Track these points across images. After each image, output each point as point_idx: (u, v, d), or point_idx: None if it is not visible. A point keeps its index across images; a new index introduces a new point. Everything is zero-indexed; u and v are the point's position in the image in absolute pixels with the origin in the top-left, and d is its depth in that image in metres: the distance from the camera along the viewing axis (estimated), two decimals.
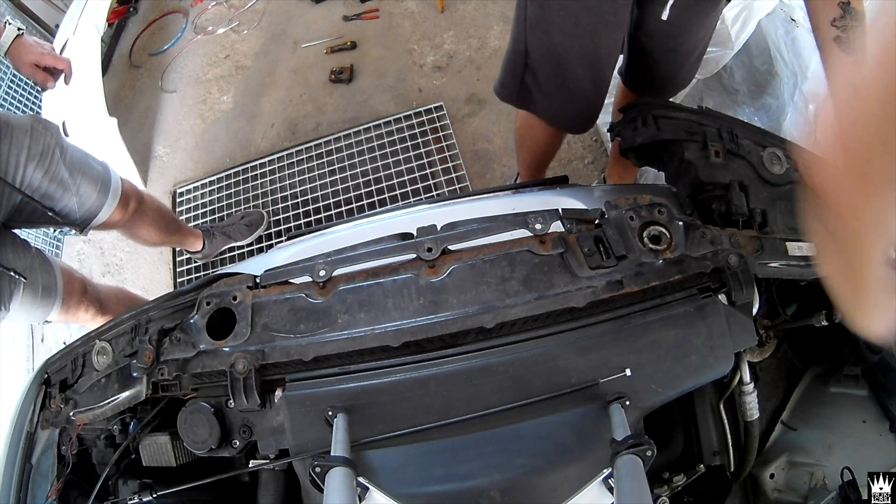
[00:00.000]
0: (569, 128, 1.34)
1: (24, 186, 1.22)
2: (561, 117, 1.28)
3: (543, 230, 0.74)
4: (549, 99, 1.22)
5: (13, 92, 2.50)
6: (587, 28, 1.06)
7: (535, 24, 1.10)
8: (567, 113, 1.25)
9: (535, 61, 1.16)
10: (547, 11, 1.07)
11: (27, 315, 1.36)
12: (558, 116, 1.28)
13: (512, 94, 1.27)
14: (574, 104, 1.22)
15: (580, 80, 1.15)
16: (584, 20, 1.05)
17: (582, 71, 1.13)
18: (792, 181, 0.87)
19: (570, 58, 1.11)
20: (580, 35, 1.07)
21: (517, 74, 1.20)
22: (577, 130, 1.32)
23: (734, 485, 0.95)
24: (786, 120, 1.50)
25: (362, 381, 0.72)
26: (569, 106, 1.23)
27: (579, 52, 1.10)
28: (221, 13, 2.84)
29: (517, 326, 0.72)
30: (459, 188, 2.08)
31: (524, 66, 1.18)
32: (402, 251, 0.75)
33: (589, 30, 1.06)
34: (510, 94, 1.27)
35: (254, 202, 2.26)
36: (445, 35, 2.40)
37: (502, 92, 1.29)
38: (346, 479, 0.58)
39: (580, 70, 1.13)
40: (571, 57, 1.11)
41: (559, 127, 1.36)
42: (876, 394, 0.92)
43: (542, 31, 1.10)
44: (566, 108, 1.24)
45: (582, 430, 0.68)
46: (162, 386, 0.77)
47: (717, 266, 0.74)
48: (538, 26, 1.10)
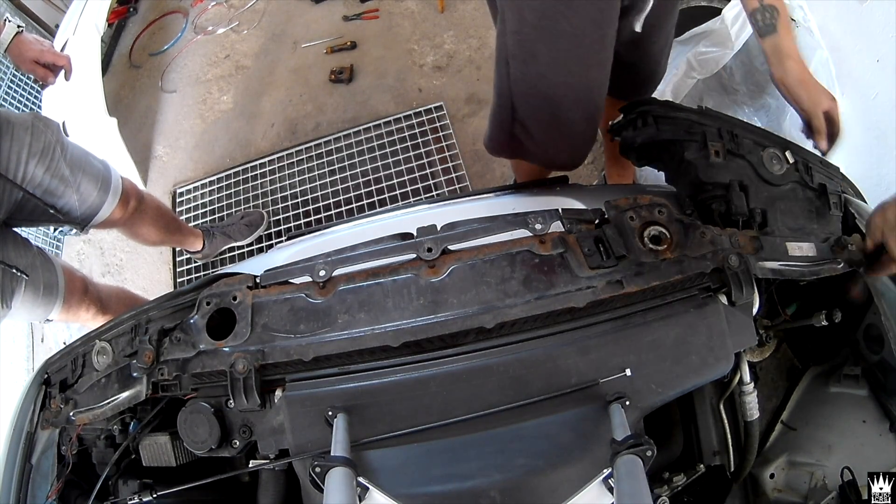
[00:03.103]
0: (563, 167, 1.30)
1: (26, 183, 1.22)
2: (556, 160, 1.26)
3: (543, 230, 0.74)
4: (541, 146, 1.19)
5: (13, 91, 2.50)
6: (579, 73, 1.02)
7: (519, 78, 1.05)
8: (562, 155, 1.23)
9: (523, 114, 1.12)
10: (532, 65, 1.02)
11: (29, 313, 1.36)
12: (553, 159, 1.26)
13: (503, 148, 1.24)
14: (569, 143, 1.19)
15: (574, 122, 1.12)
16: (576, 67, 1.01)
17: (576, 113, 1.10)
18: (792, 181, 0.87)
19: (564, 105, 1.07)
20: (572, 83, 1.03)
21: (505, 129, 1.17)
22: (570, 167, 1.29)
23: (734, 485, 0.95)
24: (786, 120, 1.50)
25: (362, 381, 0.72)
26: (563, 147, 1.20)
27: (573, 97, 1.07)
28: (221, 13, 2.84)
29: (517, 326, 0.72)
30: (459, 188, 2.08)
31: (511, 119, 1.14)
32: (402, 251, 0.75)
33: (581, 74, 1.02)
34: (501, 148, 1.24)
35: (254, 202, 2.26)
36: (445, 35, 2.40)
37: (493, 146, 1.26)
38: (346, 479, 0.58)
39: (574, 113, 1.10)
40: (566, 104, 1.07)
41: (554, 168, 1.34)
42: (876, 394, 0.92)
43: (529, 85, 1.06)
44: (560, 149, 1.21)
45: (582, 430, 0.68)
46: (162, 386, 0.77)
47: (717, 266, 0.74)
48: (524, 80, 1.05)
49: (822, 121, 0.89)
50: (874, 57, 1.31)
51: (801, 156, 0.90)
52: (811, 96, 0.89)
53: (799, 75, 0.90)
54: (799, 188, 0.88)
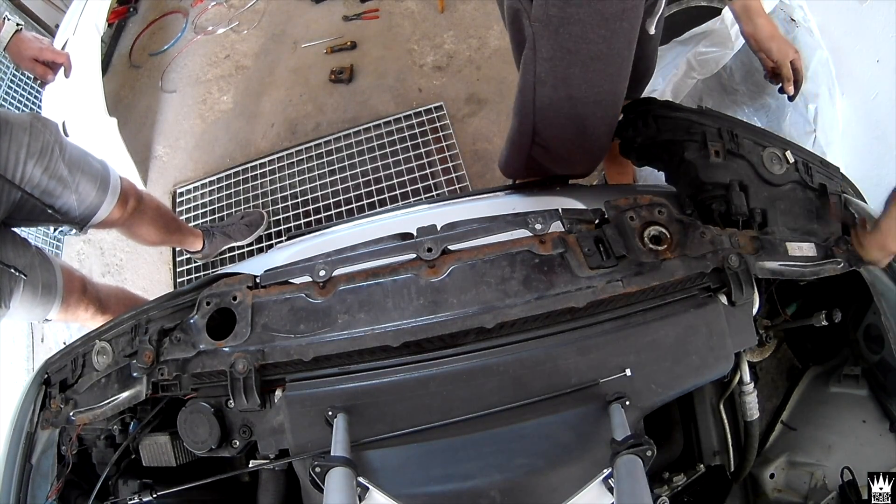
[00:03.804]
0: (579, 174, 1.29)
1: (24, 183, 1.22)
2: (575, 171, 1.26)
3: (543, 230, 0.74)
4: (559, 163, 1.20)
5: (13, 91, 2.50)
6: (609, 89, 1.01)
7: (546, 105, 1.04)
8: (579, 167, 1.23)
9: (545, 137, 1.12)
10: (562, 90, 1.00)
11: (27, 313, 1.36)
12: (571, 171, 1.26)
13: (519, 170, 1.24)
14: (589, 155, 1.19)
15: (599, 136, 1.11)
16: (607, 85, 0.99)
17: (602, 126, 1.09)
18: (792, 181, 0.87)
19: (590, 121, 1.07)
20: (601, 100, 1.02)
21: (523, 153, 1.17)
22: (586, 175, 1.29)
23: (734, 485, 0.95)
24: (785, 120, 1.50)
25: (362, 381, 0.72)
26: (582, 159, 1.20)
27: (601, 113, 1.06)
28: (221, 13, 2.84)
29: (517, 326, 0.72)
30: (459, 188, 2.08)
31: (531, 143, 1.14)
32: (402, 251, 0.75)
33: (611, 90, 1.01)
34: (517, 170, 1.25)
35: (254, 202, 2.26)
36: (445, 35, 2.40)
37: (508, 171, 1.27)
38: (346, 479, 0.58)
39: (600, 128, 1.09)
40: (592, 120, 1.07)
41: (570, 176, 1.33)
42: (876, 394, 0.92)
43: (556, 109, 1.04)
44: (579, 162, 1.21)
45: (582, 430, 0.68)
46: (162, 386, 0.77)
47: (717, 266, 0.74)
48: (550, 106, 1.04)
49: (790, 69, 1.04)
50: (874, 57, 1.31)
51: (801, 156, 0.90)
52: (780, 48, 1.03)
53: (769, 31, 1.03)
54: (799, 188, 0.88)
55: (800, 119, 1.44)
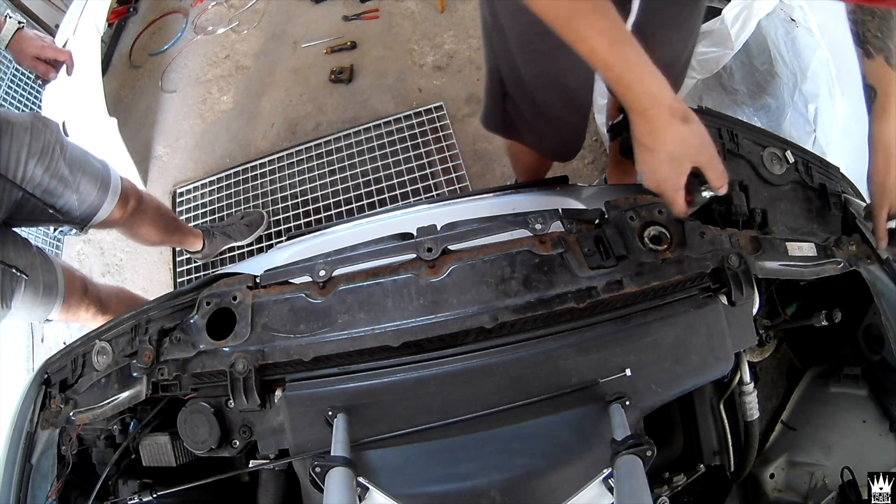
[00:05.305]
0: (555, 155, 1.28)
1: (25, 183, 1.22)
2: (547, 145, 1.25)
3: (543, 230, 0.74)
4: (532, 127, 1.19)
5: (13, 91, 2.50)
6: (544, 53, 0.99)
7: (500, 52, 1.04)
8: (552, 141, 1.22)
9: (511, 89, 1.11)
10: (506, 38, 1.00)
11: (28, 313, 1.36)
12: (544, 144, 1.25)
13: (497, 124, 1.23)
14: (557, 131, 1.18)
15: (553, 106, 1.10)
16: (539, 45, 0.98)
17: (553, 97, 1.08)
18: (792, 181, 0.87)
19: (537, 84, 1.06)
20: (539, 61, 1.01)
21: (498, 103, 1.17)
22: (563, 158, 1.26)
23: (734, 485, 0.95)
24: (785, 120, 1.50)
25: (362, 381, 0.72)
26: (552, 133, 1.19)
27: (544, 78, 1.05)
28: (221, 13, 2.84)
29: (517, 326, 0.72)
30: (459, 188, 2.08)
31: (503, 93, 1.13)
32: (402, 251, 0.75)
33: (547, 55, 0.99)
34: (495, 124, 1.24)
35: (254, 202, 2.26)
36: (445, 35, 2.40)
37: (488, 122, 1.26)
38: (346, 479, 0.58)
39: (551, 96, 1.08)
40: (538, 84, 1.06)
41: (546, 155, 1.33)
42: (876, 394, 0.92)
43: (507, 59, 1.04)
44: (550, 135, 1.20)
45: (582, 430, 0.68)
46: (162, 386, 0.77)
47: (717, 266, 0.74)
48: (502, 55, 1.04)
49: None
50: None
51: (801, 156, 0.90)
52: None
53: None
54: (799, 188, 0.88)
55: (800, 119, 1.44)
